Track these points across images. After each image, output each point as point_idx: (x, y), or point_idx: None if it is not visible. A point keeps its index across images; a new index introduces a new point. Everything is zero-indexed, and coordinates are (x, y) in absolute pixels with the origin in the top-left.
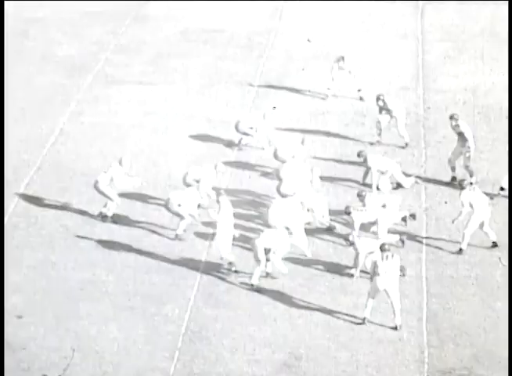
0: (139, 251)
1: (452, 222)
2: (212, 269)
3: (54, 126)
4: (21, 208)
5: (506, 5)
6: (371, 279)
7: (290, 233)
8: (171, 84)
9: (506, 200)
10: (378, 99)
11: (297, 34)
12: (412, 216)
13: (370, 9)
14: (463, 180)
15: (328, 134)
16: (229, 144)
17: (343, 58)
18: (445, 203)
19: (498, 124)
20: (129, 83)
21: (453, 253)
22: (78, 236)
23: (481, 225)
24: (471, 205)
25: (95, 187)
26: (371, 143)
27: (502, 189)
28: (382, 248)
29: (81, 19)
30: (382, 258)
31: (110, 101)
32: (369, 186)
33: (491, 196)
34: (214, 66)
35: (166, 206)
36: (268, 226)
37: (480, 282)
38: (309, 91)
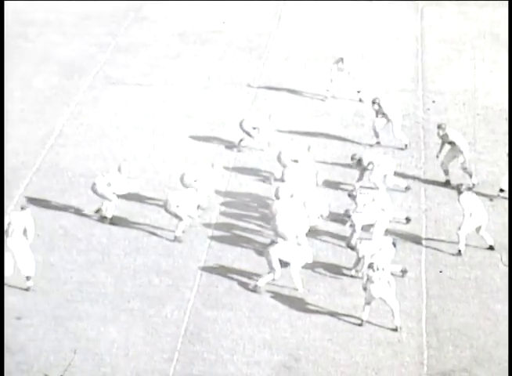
0: (138, 253)
1: (459, 229)
2: (211, 270)
3: (53, 127)
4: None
5: (505, 6)
6: (364, 288)
7: (296, 237)
8: (169, 86)
9: (506, 202)
10: (374, 102)
11: (297, 36)
12: (407, 219)
13: (370, 11)
14: (460, 184)
15: (327, 136)
16: (229, 146)
17: (342, 59)
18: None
19: (497, 126)
20: (128, 84)
21: (453, 255)
22: (77, 238)
23: (478, 229)
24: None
25: (93, 189)
26: (371, 145)
27: (501, 190)
28: (370, 266)
29: (79, 21)
30: (374, 270)
31: (109, 102)
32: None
33: (490, 197)
34: (214, 67)
35: (165, 207)
36: (277, 234)
37: (479, 284)
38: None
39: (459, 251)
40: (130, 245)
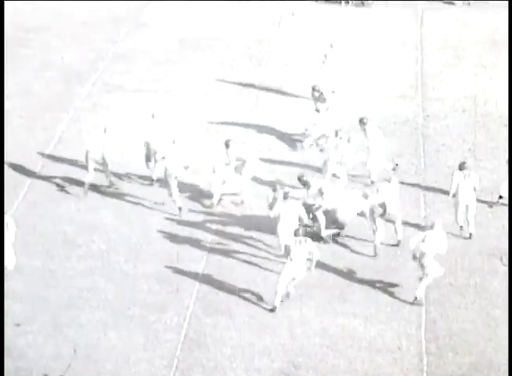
0: (138, 259)
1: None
2: (211, 277)
3: (53, 133)
4: (19, 216)
5: (505, 12)
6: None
7: None
8: (169, 92)
9: (506, 208)
10: (313, 89)
11: (296, 42)
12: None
13: (370, 17)
14: (463, 162)
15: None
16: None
17: (325, 56)
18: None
19: (497, 133)
20: (127, 91)
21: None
22: (77, 244)
23: (466, 214)
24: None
25: (88, 156)
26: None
27: (501, 197)
28: (296, 233)
29: (79, 27)
30: (295, 243)
31: (109, 108)
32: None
33: (490, 204)
34: (213, 73)
35: (168, 179)
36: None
37: (478, 290)
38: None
39: (461, 227)
40: (130, 252)
